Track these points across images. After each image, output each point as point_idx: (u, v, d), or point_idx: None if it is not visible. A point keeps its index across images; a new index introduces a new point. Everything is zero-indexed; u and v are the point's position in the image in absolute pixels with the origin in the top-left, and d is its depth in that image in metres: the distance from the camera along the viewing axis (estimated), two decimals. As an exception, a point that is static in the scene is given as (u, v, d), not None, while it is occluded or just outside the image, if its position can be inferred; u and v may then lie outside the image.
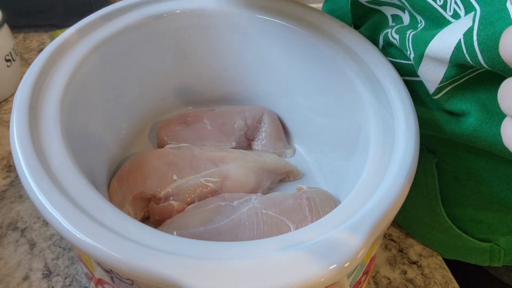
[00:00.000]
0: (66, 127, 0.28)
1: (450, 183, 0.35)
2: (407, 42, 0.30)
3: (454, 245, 0.38)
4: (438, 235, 0.38)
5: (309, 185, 0.37)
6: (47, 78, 0.30)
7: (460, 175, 0.34)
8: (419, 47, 0.28)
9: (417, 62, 0.29)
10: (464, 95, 0.29)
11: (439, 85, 0.29)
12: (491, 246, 0.36)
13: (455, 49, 0.26)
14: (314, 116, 0.40)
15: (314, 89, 0.39)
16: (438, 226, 0.37)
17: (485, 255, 0.37)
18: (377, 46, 0.35)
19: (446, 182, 0.35)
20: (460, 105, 0.29)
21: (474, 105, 0.28)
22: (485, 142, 0.29)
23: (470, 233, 0.37)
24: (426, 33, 0.28)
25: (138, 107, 0.41)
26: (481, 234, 0.36)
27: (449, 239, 0.38)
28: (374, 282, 0.38)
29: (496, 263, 0.37)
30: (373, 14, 0.36)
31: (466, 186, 0.34)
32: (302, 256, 0.21)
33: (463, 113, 0.29)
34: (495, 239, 0.36)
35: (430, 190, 0.36)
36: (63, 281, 0.36)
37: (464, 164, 0.33)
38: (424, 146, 0.35)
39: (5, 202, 0.42)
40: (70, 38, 0.33)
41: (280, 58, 0.40)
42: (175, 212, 0.33)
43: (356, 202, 0.25)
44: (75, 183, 0.25)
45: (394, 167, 0.26)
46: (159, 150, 0.37)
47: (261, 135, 0.40)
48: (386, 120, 0.30)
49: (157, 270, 0.21)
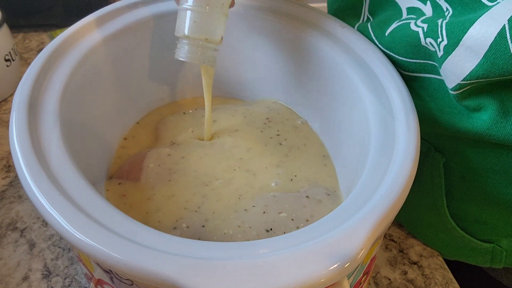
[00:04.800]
0: (65, 127, 0.28)
1: (456, 183, 0.35)
2: (439, 29, 0.28)
3: (456, 245, 0.38)
4: (441, 235, 0.38)
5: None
6: (47, 78, 0.30)
7: (467, 175, 0.34)
8: (456, 34, 0.27)
9: (449, 51, 0.28)
10: (483, 91, 0.28)
11: (462, 80, 0.27)
12: (493, 247, 0.36)
13: (498, 35, 0.24)
14: (314, 116, 0.40)
15: (313, 89, 0.39)
16: (441, 226, 0.37)
17: (487, 256, 0.37)
18: (383, 38, 0.34)
19: (453, 182, 0.35)
20: (478, 100, 0.28)
21: (492, 101, 0.28)
22: (497, 139, 0.28)
23: (473, 234, 0.37)
24: (464, 18, 0.27)
25: (137, 107, 0.41)
26: (484, 235, 0.36)
27: (451, 240, 0.38)
28: (375, 282, 0.38)
29: (498, 264, 0.37)
30: (388, 5, 0.35)
31: (472, 187, 0.34)
32: (302, 256, 0.21)
33: (479, 108, 0.28)
34: (497, 240, 0.36)
35: (436, 190, 0.35)
36: (62, 282, 0.36)
37: (472, 164, 0.33)
38: (433, 146, 0.35)
39: (4, 202, 0.42)
40: (69, 38, 0.33)
41: (280, 58, 0.40)
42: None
43: (356, 202, 0.25)
44: (74, 183, 0.25)
45: (394, 167, 0.26)
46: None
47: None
48: (387, 120, 0.30)
49: (157, 270, 0.20)
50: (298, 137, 0.40)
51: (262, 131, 0.40)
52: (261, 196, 0.34)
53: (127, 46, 0.37)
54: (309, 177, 0.37)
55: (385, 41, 0.34)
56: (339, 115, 0.36)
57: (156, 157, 0.36)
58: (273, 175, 0.36)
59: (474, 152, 0.32)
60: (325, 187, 0.36)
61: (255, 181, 0.36)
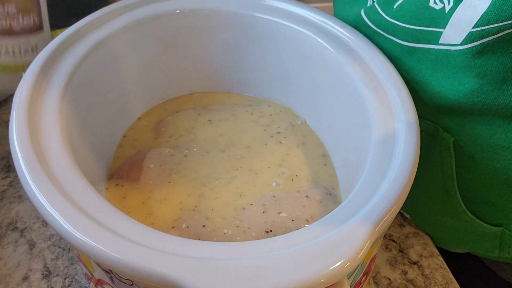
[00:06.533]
0: (65, 127, 0.28)
1: (465, 163, 0.35)
2: None
3: (464, 232, 0.38)
4: (449, 222, 0.38)
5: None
6: (47, 78, 0.30)
7: (476, 154, 0.34)
8: None
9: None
10: (494, 49, 0.27)
11: (473, 28, 0.27)
12: (502, 230, 0.36)
13: None
14: (314, 115, 0.40)
15: (313, 89, 0.39)
16: (450, 211, 0.37)
17: (495, 241, 0.37)
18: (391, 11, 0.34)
19: (461, 162, 0.35)
20: (487, 60, 0.28)
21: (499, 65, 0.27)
22: (503, 108, 0.28)
23: (482, 217, 0.36)
24: None
25: (138, 107, 0.41)
26: (493, 218, 0.36)
27: (459, 226, 0.37)
28: (375, 282, 0.38)
29: (506, 251, 0.37)
30: None
31: (481, 165, 0.34)
32: (302, 256, 0.21)
33: (485, 74, 0.28)
34: (506, 224, 0.36)
35: (446, 171, 0.35)
36: (62, 282, 0.36)
37: (480, 141, 0.33)
38: (440, 127, 0.35)
39: (4, 202, 0.42)
40: (69, 38, 0.33)
41: (280, 58, 0.40)
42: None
43: (356, 202, 0.25)
44: (74, 183, 0.25)
45: (394, 167, 0.26)
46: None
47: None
48: (387, 120, 0.30)
49: (157, 270, 0.20)
50: (298, 136, 0.40)
51: (264, 130, 0.40)
52: (261, 196, 0.34)
53: (126, 46, 0.37)
54: (309, 177, 0.37)
55: (393, 12, 0.33)
56: (339, 114, 0.36)
57: (157, 157, 0.36)
58: (274, 174, 0.36)
59: (481, 129, 0.32)
60: (325, 187, 0.36)
61: (256, 180, 0.36)
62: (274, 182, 0.37)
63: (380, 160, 0.27)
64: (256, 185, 0.35)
